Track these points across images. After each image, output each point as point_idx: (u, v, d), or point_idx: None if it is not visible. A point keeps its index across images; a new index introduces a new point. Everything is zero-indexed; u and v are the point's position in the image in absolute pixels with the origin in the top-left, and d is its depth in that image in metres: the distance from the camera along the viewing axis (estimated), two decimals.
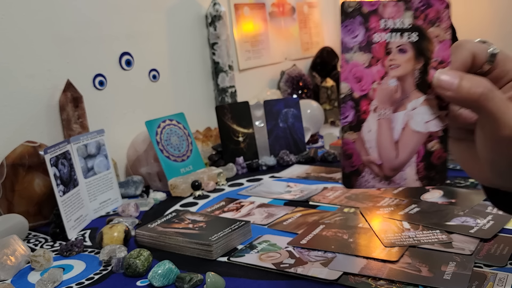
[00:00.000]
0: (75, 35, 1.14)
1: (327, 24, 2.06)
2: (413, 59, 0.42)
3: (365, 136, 0.43)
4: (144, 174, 1.16)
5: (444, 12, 0.41)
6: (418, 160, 0.43)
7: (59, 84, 1.10)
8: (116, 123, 1.23)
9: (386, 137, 0.43)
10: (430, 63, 0.42)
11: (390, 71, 0.42)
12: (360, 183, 0.43)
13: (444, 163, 0.43)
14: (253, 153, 1.29)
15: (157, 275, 0.66)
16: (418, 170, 0.43)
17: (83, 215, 0.95)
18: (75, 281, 0.71)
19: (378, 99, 0.42)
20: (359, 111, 0.42)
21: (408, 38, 0.42)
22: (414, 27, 0.41)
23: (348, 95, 0.42)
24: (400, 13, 0.41)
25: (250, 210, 0.93)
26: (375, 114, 0.42)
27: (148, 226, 0.83)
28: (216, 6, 1.45)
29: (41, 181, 0.97)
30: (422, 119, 0.42)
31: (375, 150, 0.43)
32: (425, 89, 0.42)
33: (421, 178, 0.43)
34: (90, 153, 1.02)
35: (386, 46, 0.42)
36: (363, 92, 0.42)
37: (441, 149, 0.43)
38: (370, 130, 0.43)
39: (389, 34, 0.41)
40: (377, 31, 0.41)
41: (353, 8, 0.41)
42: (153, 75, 1.34)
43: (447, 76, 0.40)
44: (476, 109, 0.40)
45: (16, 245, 0.78)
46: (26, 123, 1.06)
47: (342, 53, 0.42)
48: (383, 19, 0.41)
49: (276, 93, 1.67)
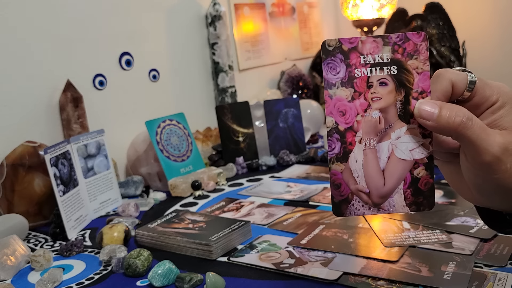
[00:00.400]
0: (75, 35, 1.14)
1: (327, 24, 2.06)
2: (394, 91, 0.44)
3: (352, 166, 0.45)
4: (144, 174, 1.16)
5: (422, 45, 0.43)
6: (405, 187, 0.45)
7: (59, 84, 1.10)
8: (116, 123, 1.23)
9: (373, 166, 0.45)
10: (411, 93, 0.43)
11: (372, 104, 0.44)
12: (350, 211, 0.45)
13: (431, 188, 0.45)
14: (253, 153, 1.29)
15: (157, 275, 0.66)
16: (406, 196, 0.45)
17: (83, 215, 0.95)
18: (75, 281, 0.71)
19: (363, 130, 0.44)
20: (345, 143, 0.45)
21: (388, 71, 0.43)
22: (393, 60, 0.43)
23: (334, 128, 0.44)
24: (379, 49, 0.43)
25: (250, 210, 0.93)
26: (361, 145, 0.45)
27: (148, 226, 0.83)
28: (216, 6, 1.45)
29: (41, 181, 0.97)
30: (406, 147, 0.44)
31: (363, 179, 0.45)
32: (408, 119, 0.44)
33: (409, 204, 0.45)
34: (90, 153, 1.02)
35: (368, 80, 0.44)
36: (348, 125, 0.44)
37: (427, 175, 0.45)
38: (356, 161, 0.45)
39: (369, 68, 0.43)
40: (357, 67, 0.44)
41: (334, 46, 0.44)
42: (153, 75, 1.34)
43: (427, 106, 0.41)
44: (456, 137, 0.41)
45: (16, 245, 0.78)
46: (26, 123, 1.06)
47: (325, 89, 0.44)
48: (362, 55, 0.43)
49: (276, 93, 1.67)
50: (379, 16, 1.56)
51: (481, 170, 0.41)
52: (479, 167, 0.41)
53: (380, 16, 1.56)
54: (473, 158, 0.41)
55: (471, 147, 0.41)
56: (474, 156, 0.41)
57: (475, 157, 0.41)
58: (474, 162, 0.41)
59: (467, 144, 0.41)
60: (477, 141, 0.40)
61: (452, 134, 0.41)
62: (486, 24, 1.80)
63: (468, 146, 0.41)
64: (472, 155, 0.41)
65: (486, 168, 0.41)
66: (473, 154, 0.41)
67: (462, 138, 0.41)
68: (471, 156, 0.41)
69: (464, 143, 0.41)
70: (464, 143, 0.41)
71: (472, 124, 0.40)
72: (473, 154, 0.41)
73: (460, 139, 0.41)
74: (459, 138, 0.41)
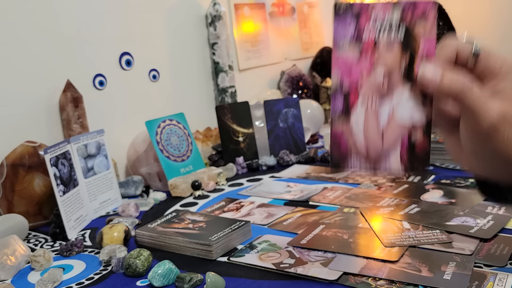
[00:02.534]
0: (75, 35, 1.14)
1: (327, 24, 2.06)
2: (400, 54, 0.44)
3: (353, 126, 0.46)
4: (144, 174, 1.16)
5: (430, 11, 0.44)
6: (402, 150, 0.45)
7: (59, 84, 1.10)
8: (116, 123, 1.23)
9: (373, 127, 0.45)
10: (416, 58, 0.44)
11: (377, 66, 0.45)
12: (348, 165, 0.46)
13: (426, 154, 0.45)
14: (253, 153, 1.29)
15: (157, 275, 0.66)
16: (401, 159, 0.46)
17: (83, 215, 0.95)
18: (75, 281, 0.71)
19: (366, 91, 0.45)
20: (348, 102, 0.45)
21: (395, 35, 0.44)
22: (401, 25, 0.44)
23: (338, 88, 0.45)
24: (388, 12, 0.44)
25: (250, 210, 0.93)
26: (363, 105, 0.45)
27: (148, 226, 0.83)
28: (216, 6, 1.45)
29: (41, 181, 0.97)
30: (406, 111, 0.45)
31: (362, 139, 0.46)
32: (411, 83, 0.44)
33: (404, 168, 0.46)
34: (90, 153, 1.02)
35: (375, 42, 0.45)
36: (352, 85, 0.45)
37: (424, 141, 0.45)
38: (357, 120, 0.46)
39: (377, 31, 0.44)
40: (366, 29, 0.45)
41: (345, 8, 0.45)
42: (153, 75, 1.34)
43: (429, 72, 0.42)
44: (456, 102, 0.42)
45: (16, 245, 0.78)
46: (26, 123, 1.06)
47: (334, 48, 0.45)
48: (371, 18, 0.44)
49: (276, 93, 1.67)
50: None
51: (478, 137, 0.42)
52: (477, 134, 0.42)
53: None
54: (471, 125, 0.42)
55: (469, 114, 0.41)
56: (472, 123, 0.42)
57: (473, 124, 0.42)
58: (472, 129, 0.42)
59: (466, 111, 0.42)
60: (476, 108, 0.41)
61: (452, 99, 0.42)
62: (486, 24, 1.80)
63: (467, 113, 0.42)
64: (470, 122, 0.42)
65: (483, 135, 0.41)
66: (471, 121, 0.42)
67: (461, 104, 0.42)
68: (469, 123, 0.42)
69: (463, 110, 0.42)
70: (464, 110, 0.42)
71: (471, 93, 0.41)
72: (471, 121, 0.42)
73: (460, 105, 0.42)
74: (459, 103, 0.42)
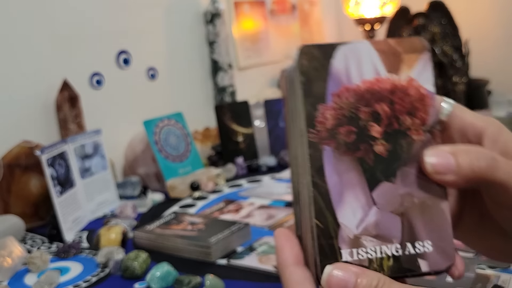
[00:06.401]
0: (71, 33, 1.13)
1: (328, 22, 2.05)
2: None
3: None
4: (142, 174, 1.15)
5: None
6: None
7: (56, 83, 1.09)
8: (113, 122, 1.22)
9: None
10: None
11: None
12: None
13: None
14: (253, 153, 1.28)
15: (155, 277, 0.65)
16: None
17: (80, 216, 0.94)
18: (72, 283, 0.70)
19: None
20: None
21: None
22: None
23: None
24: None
25: (250, 212, 0.92)
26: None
27: (146, 228, 0.81)
28: (215, 4, 1.44)
29: (38, 181, 0.96)
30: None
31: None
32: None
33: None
34: (87, 153, 1.01)
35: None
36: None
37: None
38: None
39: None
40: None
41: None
42: (151, 74, 1.33)
43: (438, 158, 0.31)
44: (480, 183, 0.32)
45: (12, 247, 0.77)
46: (23, 123, 1.05)
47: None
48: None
49: (276, 92, 1.66)
50: (381, 14, 1.55)
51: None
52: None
53: (382, 14, 1.55)
54: (506, 200, 0.32)
55: (502, 190, 0.31)
56: (507, 198, 0.32)
57: (507, 199, 0.32)
58: (508, 204, 0.32)
59: (495, 188, 0.32)
60: (510, 181, 0.31)
61: (476, 182, 0.31)
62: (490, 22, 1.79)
63: (498, 189, 0.31)
64: (505, 198, 0.32)
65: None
66: (506, 197, 0.32)
67: (488, 183, 0.31)
68: (504, 199, 0.32)
69: (491, 188, 0.32)
70: (491, 187, 0.32)
71: (498, 163, 0.31)
72: (506, 196, 0.32)
73: (486, 184, 0.31)
74: (483, 183, 0.31)
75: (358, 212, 0.29)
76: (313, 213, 0.29)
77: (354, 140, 0.29)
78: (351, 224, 0.29)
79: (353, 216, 0.29)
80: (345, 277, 0.29)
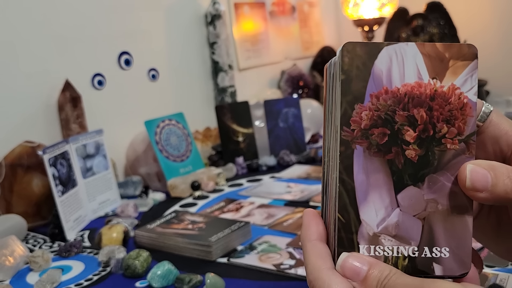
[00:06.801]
0: (73, 34, 1.14)
1: (327, 23, 2.05)
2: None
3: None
4: (143, 174, 1.16)
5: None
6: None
7: (58, 83, 1.10)
8: (115, 123, 1.23)
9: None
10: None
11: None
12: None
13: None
14: (253, 153, 1.28)
15: (156, 276, 0.65)
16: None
17: (82, 216, 0.95)
18: (74, 282, 0.71)
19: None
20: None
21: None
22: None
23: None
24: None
25: (250, 211, 0.93)
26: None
27: (147, 227, 0.82)
28: (215, 5, 1.45)
29: (40, 181, 0.96)
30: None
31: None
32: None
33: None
34: (89, 153, 1.01)
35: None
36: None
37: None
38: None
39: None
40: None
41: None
42: (152, 75, 1.34)
43: (478, 175, 0.30)
44: (508, 204, 0.31)
45: (14, 246, 0.77)
46: (25, 123, 1.05)
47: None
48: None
49: (276, 92, 1.67)
50: (380, 16, 1.56)
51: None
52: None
53: (381, 16, 1.56)
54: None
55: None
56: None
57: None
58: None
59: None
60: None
61: (505, 203, 0.30)
62: (487, 23, 1.80)
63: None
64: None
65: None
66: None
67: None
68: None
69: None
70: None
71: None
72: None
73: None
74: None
75: (381, 212, 0.29)
76: (337, 207, 0.29)
77: (386, 142, 0.29)
78: (372, 222, 0.29)
79: (375, 215, 0.29)
80: (358, 265, 0.29)
